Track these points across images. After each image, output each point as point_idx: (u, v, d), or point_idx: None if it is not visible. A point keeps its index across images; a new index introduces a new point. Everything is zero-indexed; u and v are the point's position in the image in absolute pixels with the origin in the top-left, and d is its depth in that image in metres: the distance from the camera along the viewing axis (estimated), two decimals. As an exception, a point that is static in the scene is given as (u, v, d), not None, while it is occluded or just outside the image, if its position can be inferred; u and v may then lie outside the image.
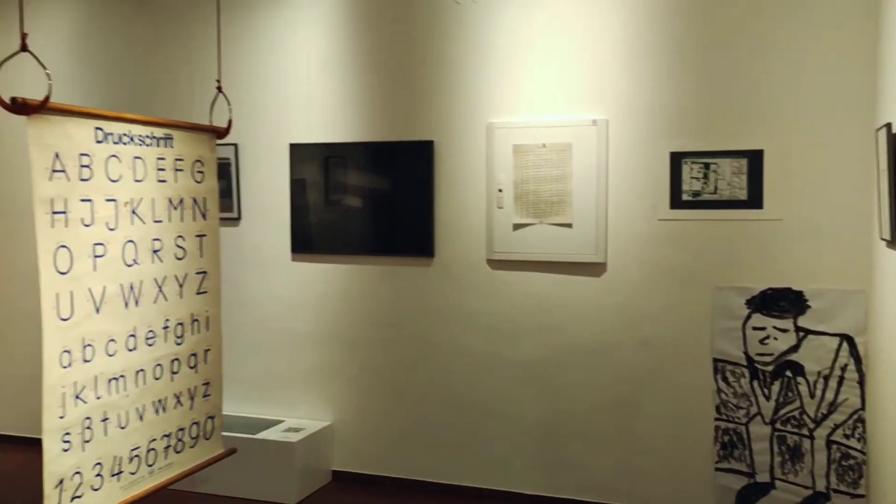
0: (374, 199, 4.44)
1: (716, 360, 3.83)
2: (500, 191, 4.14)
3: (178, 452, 2.94)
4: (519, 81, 4.10)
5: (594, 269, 4.01)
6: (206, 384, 3.11)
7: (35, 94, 2.35)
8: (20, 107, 2.22)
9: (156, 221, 2.81)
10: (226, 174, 4.70)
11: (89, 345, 2.51)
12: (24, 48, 2.25)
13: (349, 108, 4.44)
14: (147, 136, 2.76)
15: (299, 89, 4.53)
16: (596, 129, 3.96)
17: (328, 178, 4.51)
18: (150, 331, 2.79)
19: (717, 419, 3.84)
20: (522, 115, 4.10)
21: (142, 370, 2.76)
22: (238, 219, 4.70)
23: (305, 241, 4.59)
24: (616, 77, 3.91)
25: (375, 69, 4.37)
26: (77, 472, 2.48)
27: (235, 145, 4.64)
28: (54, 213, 2.36)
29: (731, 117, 3.75)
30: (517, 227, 4.14)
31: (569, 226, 4.03)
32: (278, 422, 4.57)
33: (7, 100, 2.21)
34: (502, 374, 4.20)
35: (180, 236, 2.94)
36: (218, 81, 3.20)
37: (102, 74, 4.93)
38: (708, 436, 3.85)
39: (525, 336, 4.15)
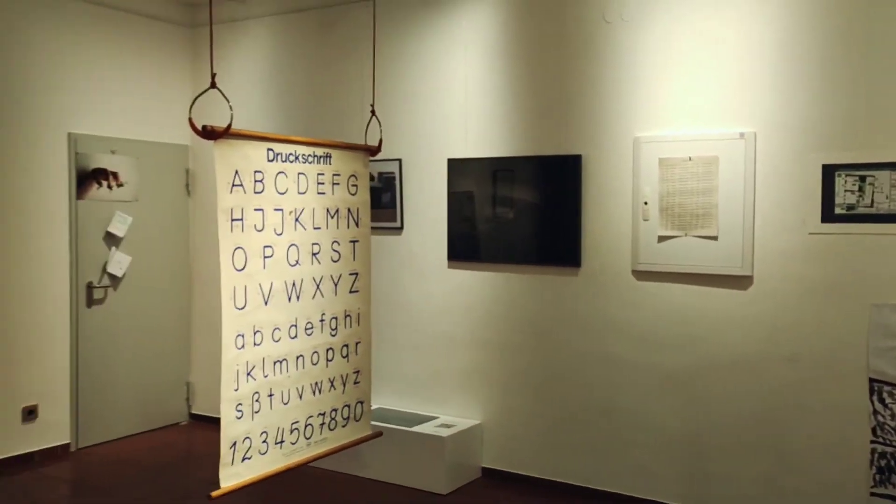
0: (524, 210, 4.73)
1: (872, 381, 3.72)
2: (646, 203, 4.28)
3: (331, 430, 3.42)
4: (665, 96, 4.23)
5: (740, 281, 4.03)
6: (357, 372, 3.58)
7: (221, 121, 2.90)
8: (209, 133, 2.78)
9: (315, 228, 3.32)
10: (390, 187, 5.21)
11: (259, 331, 3.04)
12: (213, 86, 2.81)
13: (502, 125, 4.77)
14: (310, 155, 3.27)
15: (457, 107, 4.94)
16: (743, 143, 3.99)
17: (482, 190, 4.86)
18: (309, 322, 3.30)
19: (873, 441, 3.72)
20: (669, 128, 4.22)
21: (301, 356, 3.27)
22: (401, 228, 5.19)
23: (460, 250, 4.97)
24: (764, 90, 3.94)
25: (527, 86, 4.68)
26: (247, 438, 3.00)
27: (399, 160, 5.14)
28: (233, 220, 2.91)
29: (890, 128, 3.65)
30: (662, 238, 4.25)
31: (714, 238, 4.09)
32: (433, 418, 4.97)
33: (199, 127, 2.77)
34: (646, 383, 4.32)
35: (336, 241, 3.43)
36: (371, 106, 3.66)
37: (289, 92, 5.64)
38: (863, 458, 3.75)
39: (669, 346, 4.25)
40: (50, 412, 5.21)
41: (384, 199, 5.26)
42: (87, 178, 5.39)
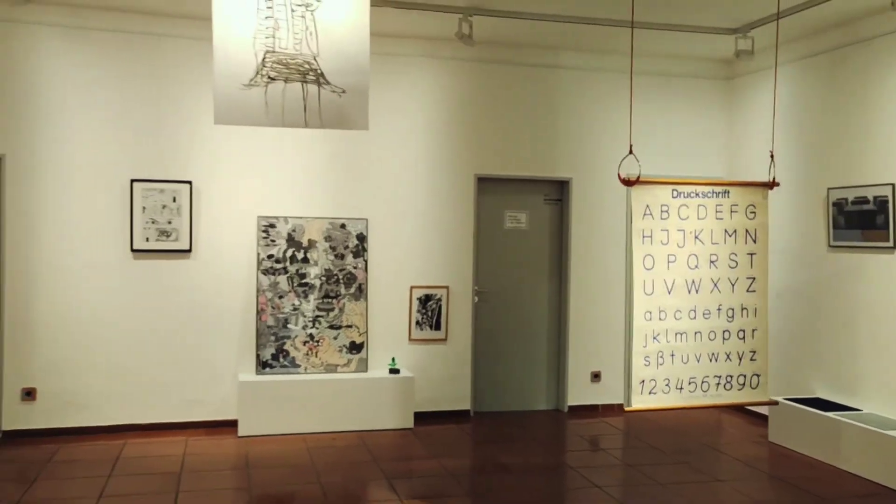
0: None
1: None
2: None
3: (727, 390, 5.03)
4: None
5: None
6: (753, 352, 5.09)
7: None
8: (626, 182, 4.85)
9: (713, 243, 5.01)
10: (884, 210, 6.20)
11: (662, 311, 4.94)
12: (630, 152, 4.85)
13: None
14: (709, 192, 5.00)
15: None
16: None
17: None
18: (706, 310, 5.01)
19: None
20: None
21: (699, 332, 5.02)
22: (893, 248, 6.13)
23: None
24: None
25: None
26: (652, 380, 4.94)
27: (892, 185, 6.12)
28: (644, 236, 4.90)
29: None
30: None
31: None
32: (929, 428, 5.81)
33: (622, 178, 4.86)
34: None
35: (733, 253, 5.04)
36: (771, 153, 5.08)
37: (801, 132, 7.06)
38: None
39: None
40: (609, 378, 7.86)
41: (878, 221, 6.26)
42: (639, 208, 7.86)
